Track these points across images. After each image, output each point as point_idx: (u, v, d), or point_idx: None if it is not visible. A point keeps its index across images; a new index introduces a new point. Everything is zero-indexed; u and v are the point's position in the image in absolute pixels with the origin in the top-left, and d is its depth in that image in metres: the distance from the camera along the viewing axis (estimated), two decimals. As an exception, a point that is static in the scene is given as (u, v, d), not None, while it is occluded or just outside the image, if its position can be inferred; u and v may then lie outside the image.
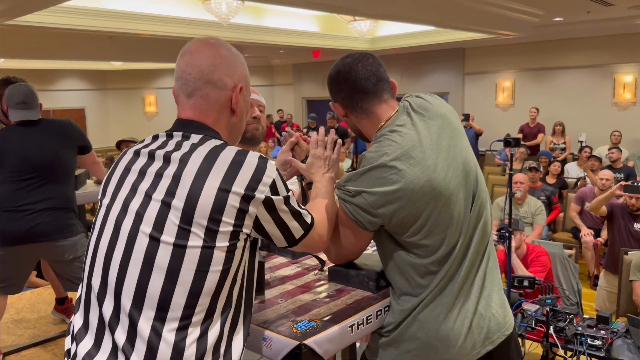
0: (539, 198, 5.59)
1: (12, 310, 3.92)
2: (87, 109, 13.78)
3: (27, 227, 2.78)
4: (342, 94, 1.44)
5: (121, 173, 1.21)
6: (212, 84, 1.22)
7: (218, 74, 1.22)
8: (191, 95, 1.23)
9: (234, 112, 1.26)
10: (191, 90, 1.22)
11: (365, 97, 1.41)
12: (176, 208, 1.08)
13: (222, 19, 6.06)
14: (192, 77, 1.22)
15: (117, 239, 1.13)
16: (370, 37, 9.39)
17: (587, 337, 2.92)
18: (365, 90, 1.41)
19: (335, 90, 1.46)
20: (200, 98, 1.22)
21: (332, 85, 1.46)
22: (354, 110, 1.44)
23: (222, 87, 1.23)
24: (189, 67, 1.22)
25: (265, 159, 1.17)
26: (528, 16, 7.04)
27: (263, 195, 1.12)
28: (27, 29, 6.17)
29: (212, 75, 1.22)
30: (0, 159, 2.82)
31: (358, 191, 1.33)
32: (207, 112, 1.23)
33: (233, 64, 1.26)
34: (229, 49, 1.27)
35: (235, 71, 1.26)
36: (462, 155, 1.40)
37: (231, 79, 1.24)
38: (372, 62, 1.43)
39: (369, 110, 1.42)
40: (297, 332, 1.24)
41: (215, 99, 1.23)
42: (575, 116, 9.17)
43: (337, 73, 1.44)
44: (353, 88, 1.41)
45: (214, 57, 1.23)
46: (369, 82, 1.41)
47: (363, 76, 1.41)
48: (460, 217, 1.36)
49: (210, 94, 1.22)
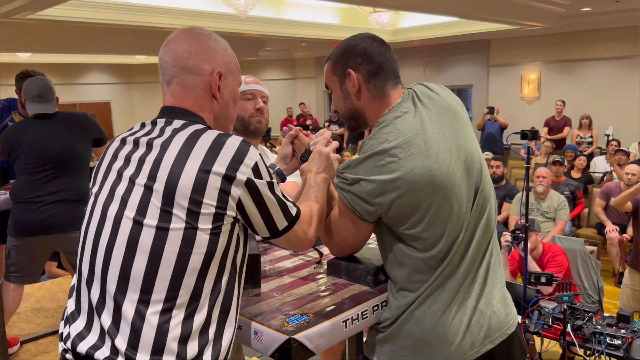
0: (562, 193, 5.46)
1: (32, 299, 4.00)
2: (113, 102, 13.97)
3: (41, 218, 2.82)
4: (369, 67, 1.36)
5: (109, 161, 1.23)
6: (188, 70, 1.22)
7: (194, 60, 1.22)
8: (170, 83, 1.24)
9: (215, 98, 1.26)
10: (169, 78, 1.24)
11: (389, 77, 1.38)
12: (157, 191, 1.09)
13: (239, 12, 6.06)
14: (169, 64, 1.23)
15: (104, 225, 1.14)
16: (392, 29, 9.28)
17: (606, 336, 2.83)
18: (391, 72, 1.39)
19: (361, 60, 1.37)
20: (177, 85, 1.23)
21: (360, 55, 1.37)
22: (372, 87, 1.37)
23: (198, 72, 1.23)
24: (166, 55, 1.24)
25: (248, 143, 1.16)
26: (554, 6, 6.85)
27: (245, 176, 1.12)
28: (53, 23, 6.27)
29: (187, 62, 1.22)
30: (16, 151, 2.87)
31: (356, 179, 1.29)
32: (186, 98, 1.23)
33: (211, 50, 1.25)
34: (209, 36, 1.27)
35: (213, 57, 1.25)
36: (466, 146, 1.36)
37: (209, 65, 1.24)
38: (390, 47, 1.43)
39: (386, 92, 1.38)
40: (288, 326, 1.21)
41: (193, 84, 1.23)
42: (603, 109, 8.91)
43: (371, 46, 1.38)
44: (382, 66, 1.37)
45: (190, 44, 1.23)
46: (394, 66, 1.40)
47: (392, 58, 1.40)
48: (462, 210, 1.31)
49: (187, 80, 1.22)
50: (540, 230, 3.85)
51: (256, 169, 1.14)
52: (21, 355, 3.23)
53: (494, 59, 10.53)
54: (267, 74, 13.85)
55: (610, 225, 5.33)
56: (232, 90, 1.30)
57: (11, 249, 2.93)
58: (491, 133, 9.02)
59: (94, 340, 1.11)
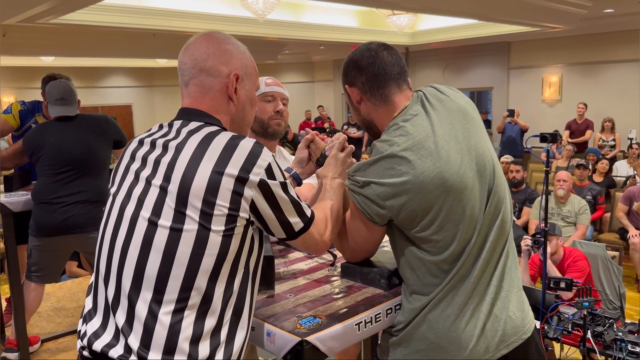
0: (584, 197, 5.37)
1: (53, 299, 4.07)
2: (134, 105, 14.16)
3: (61, 219, 2.87)
4: (363, 78, 1.39)
5: (127, 162, 1.25)
6: (206, 72, 1.24)
7: (211, 62, 1.24)
8: (187, 84, 1.26)
9: (232, 100, 1.27)
10: (187, 80, 1.26)
11: (387, 83, 1.37)
12: (172, 192, 1.11)
13: (258, 15, 6.10)
14: (187, 66, 1.25)
15: (121, 225, 1.17)
16: (411, 31, 9.25)
17: (628, 343, 2.78)
18: (389, 76, 1.37)
19: (354, 74, 1.40)
20: (194, 86, 1.25)
21: (353, 68, 1.41)
22: (372, 97, 1.39)
23: (215, 74, 1.24)
24: (185, 58, 1.26)
25: (261, 144, 1.17)
26: (576, 8, 6.76)
27: (258, 177, 1.12)
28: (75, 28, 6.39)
29: (205, 64, 1.24)
30: (38, 152, 2.93)
31: (367, 182, 1.29)
32: (203, 99, 1.25)
33: (229, 53, 1.27)
34: (227, 39, 1.29)
35: (231, 59, 1.26)
36: (478, 147, 1.34)
37: (226, 67, 1.25)
38: (395, 52, 1.41)
39: (388, 97, 1.38)
40: (301, 328, 1.21)
41: (210, 86, 1.24)
42: (626, 112, 8.76)
43: (362, 56, 1.39)
44: (377, 73, 1.37)
45: (208, 46, 1.25)
46: (393, 70, 1.38)
47: (389, 62, 1.38)
48: (474, 212, 1.30)
49: (204, 81, 1.24)
50: (561, 234, 3.80)
51: (269, 170, 1.14)
52: (42, 353, 3.29)
53: (514, 62, 10.43)
54: (285, 77, 13.90)
55: (633, 230, 5.23)
56: (248, 93, 1.31)
57: (32, 248, 2.98)
58: (511, 136, 8.92)
59: (109, 339, 1.12)
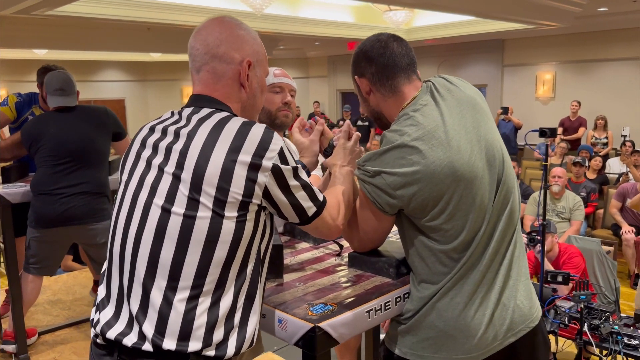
0: (579, 194, 5.42)
1: (49, 292, 4.05)
2: (127, 99, 14.08)
3: (61, 210, 2.85)
4: (372, 69, 1.39)
5: (137, 148, 1.24)
6: (218, 58, 1.23)
7: (224, 48, 1.23)
8: (199, 70, 1.25)
9: (244, 87, 1.26)
10: (199, 66, 1.25)
11: (396, 73, 1.38)
12: (185, 180, 1.10)
13: (255, 10, 6.08)
14: (199, 52, 1.24)
15: (134, 213, 1.16)
16: (406, 28, 9.25)
17: (624, 336, 2.81)
18: (398, 67, 1.38)
19: (364, 64, 1.41)
20: (207, 72, 1.24)
21: (363, 59, 1.41)
22: (381, 87, 1.40)
23: (228, 61, 1.23)
24: (197, 43, 1.25)
25: (272, 130, 1.17)
26: (571, 6, 6.80)
27: (271, 162, 1.12)
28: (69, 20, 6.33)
29: (217, 50, 1.23)
30: (37, 143, 2.91)
31: (377, 171, 1.30)
32: (215, 86, 1.24)
33: (241, 39, 1.26)
34: (239, 25, 1.28)
35: (243, 46, 1.26)
36: (488, 137, 1.35)
37: (238, 53, 1.24)
38: (405, 43, 1.42)
39: (397, 88, 1.39)
40: (313, 315, 1.22)
41: (222, 72, 1.24)
42: (618, 110, 8.83)
43: (372, 47, 1.40)
44: (386, 64, 1.38)
45: (221, 32, 1.24)
46: (403, 60, 1.39)
47: (399, 53, 1.39)
48: (484, 202, 1.31)
49: (217, 68, 1.23)
50: (556, 232, 3.83)
51: (282, 155, 1.15)
52: (39, 346, 3.27)
53: (508, 59, 10.47)
54: (280, 72, 13.85)
55: (626, 227, 5.29)
56: (260, 80, 1.31)
57: (31, 240, 2.96)
58: (505, 133, 8.97)
59: (122, 327, 1.13)
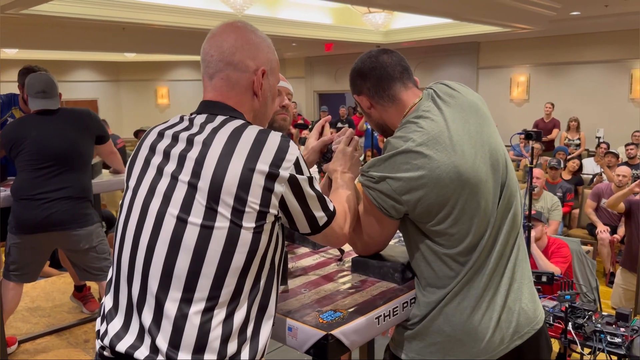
0: (555, 194, 5.53)
1: (27, 299, 3.94)
2: (100, 100, 13.82)
3: (43, 215, 2.78)
4: (368, 84, 1.42)
5: (146, 154, 1.21)
6: (233, 66, 1.21)
7: (239, 56, 1.21)
8: (213, 77, 1.23)
9: (257, 96, 1.25)
10: (213, 72, 1.23)
11: (391, 83, 1.40)
12: (202, 189, 1.08)
13: (236, 10, 6.04)
14: (214, 59, 1.22)
15: (145, 221, 1.13)
16: (385, 30, 9.32)
17: (607, 335, 2.87)
18: (392, 77, 1.40)
19: (359, 82, 1.44)
20: (221, 80, 1.22)
21: (358, 76, 1.44)
22: (380, 99, 1.41)
23: (243, 69, 1.22)
24: (212, 49, 1.23)
25: (288, 138, 1.16)
26: (545, 10, 6.94)
27: (288, 172, 1.11)
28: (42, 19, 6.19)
29: (232, 57, 1.21)
30: (18, 147, 2.83)
31: (382, 177, 1.30)
32: (229, 94, 1.22)
33: (256, 47, 1.24)
34: (254, 32, 1.26)
35: (258, 54, 1.24)
36: (491, 142, 1.37)
37: (253, 62, 1.23)
38: (396, 54, 1.44)
39: (395, 97, 1.40)
40: (324, 322, 1.21)
41: (236, 80, 1.22)
42: (591, 112, 9.05)
43: (363, 64, 1.43)
44: (380, 76, 1.40)
45: (237, 39, 1.22)
46: (395, 70, 1.40)
47: (389, 64, 1.40)
48: (488, 206, 1.32)
49: (231, 75, 1.22)
50: (546, 222, 3.92)
51: (297, 165, 1.14)
52: (19, 355, 3.18)
53: (483, 61, 10.63)
54: (256, 73, 13.79)
55: (601, 226, 5.41)
56: (272, 88, 1.30)
57: (11, 246, 2.87)
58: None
59: (132, 340, 1.10)
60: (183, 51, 10.52)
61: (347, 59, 12.26)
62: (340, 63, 12.56)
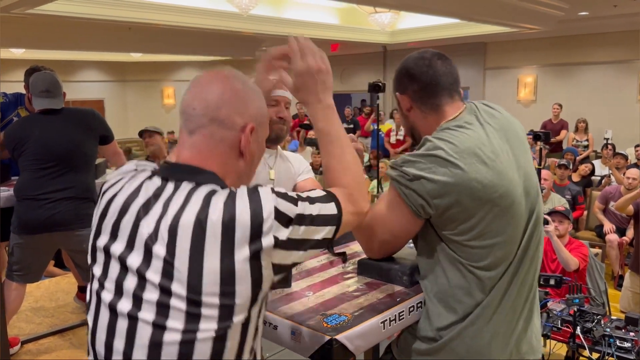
0: (563, 196, 5.47)
1: (31, 299, 3.93)
2: (106, 100, 13.87)
3: (46, 215, 2.76)
4: (415, 86, 1.38)
5: (118, 210, 1.04)
6: (218, 122, 1.05)
7: (226, 111, 1.05)
8: (193, 133, 1.06)
9: (243, 156, 1.08)
10: (194, 127, 1.06)
11: (439, 92, 1.37)
12: (178, 294, 0.94)
13: (242, 10, 6.02)
14: (196, 112, 1.05)
15: (116, 326, 0.99)
16: (391, 30, 9.29)
17: (616, 339, 2.83)
18: (442, 87, 1.37)
19: (406, 82, 1.39)
20: (202, 137, 1.05)
21: (405, 76, 1.40)
22: (422, 105, 1.39)
23: (229, 126, 1.05)
24: (195, 101, 1.06)
25: (256, 192, 1.00)
26: (553, 10, 6.89)
27: (271, 237, 0.96)
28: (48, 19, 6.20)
29: (218, 112, 1.05)
30: (21, 146, 2.81)
31: (418, 176, 1.25)
32: (210, 155, 1.05)
33: (245, 100, 1.08)
34: (244, 82, 1.10)
35: (247, 108, 1.08)
36: (527, 168, 1.37)
37: (241, 118, 1.06)
38: (450, 62, 1.41)
39: (439, 107, 1.37)
40: (328, 326, 1.18)
41: (220, 139, 1.05)
42: (599, 113, 8.98)
43: (415, 65, 1.38)
44: (429, 82, 1.36)
45: (224, 90, 1.06)
46: (447, 80, 1.37)
47: (442, 72, 1.37)
48: (516, 230, 1.31)
49: (215, 133, 1.05)
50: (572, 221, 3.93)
51: (278, 216, 0.97)
52: (22, 355, 3.17)
53: (490, 62, 10.58)
54: (262, 73, 13.79)
55: (608, 224, 5.37)
56: (260, 143, 1.13)
57: (15, 246, 2.86)
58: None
59: None
60: (189, 51, 10.53)
61: (353, 59, 12.23)
62: (345, 63, 12.52)
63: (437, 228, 1.30)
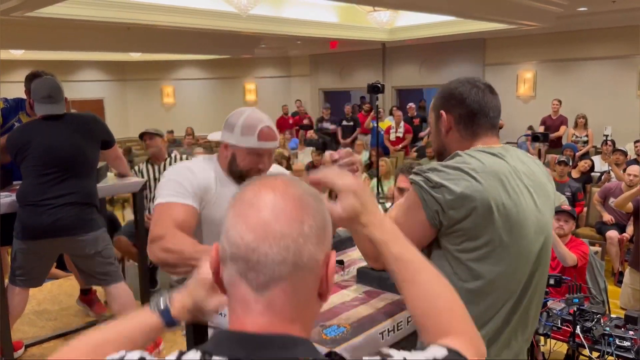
0: (563, 193, 5.48)
1: (34, 302, 3.95)
2: (106, 99, 13.86)
3: (49, 221, 2.78)
4: (461, 111, 1.41)
5: None
6: (303, 267, 0.75)
7: (309, 249, 0.75)
8: (267, 287, 0.74)
9: (322, 297, 0.79)
10: (266, 281, 0.74)
11: (482, 122, 1.41)
12: None
13: (241, 10, 6.02)
14: (269, 259, 0.73)
15: None
16: (389, 28, 9.27)
17: (616, 338, 2.84)
18: (487, 117, 1.41)
19: (454, 104, 1.42)
20: (282, 292, 0.74)
21: (455, 98, 1.42)
22: (463, 129, 1.42)
23: (312, 266, 0.76)
24: (264, 243, 0.73)
25: None
26: (552, 6, 6.88)
27: None
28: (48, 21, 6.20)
29: (301, 254, 0.74)
30: (23, 152, 2.83)
31: (440, 184, 1.27)
32: (294, 314, 0.76)
33: (324, 222, 0.79)
34: (310, 192, 0.80)
35: (327, 231, 0.79)
36: (545, 213, 1.40)
37: (322, 250, 0.77)
38: (497, 97, 1.46)
39: (478, 135, 1.41)
40: (327, 338, 1.20)
41: (303, 287, 0.76)
42: (599, 109, 8.97)
43: (469, 91, 1.41)
44: (477, 111, 1.40)
45: (302, 219, 0.75)
46: (493, 113, 1.43)
47: (492, 106, 1.42)
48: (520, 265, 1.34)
49: (299, 283, 0.75)
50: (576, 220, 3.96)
51: None
52: (26, 359, 3.19)
53: (489, 58, 10.57)
54: (261, 71, 13.79)
55: (606, 216, 5.41)
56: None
57: (17, 252, 2.88)
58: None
59: None
60: (188, 51, 10.53)
61: (352, 56, 12.23)
62: (345, 60, 12.51)
63: (442, 239, 1.32)
